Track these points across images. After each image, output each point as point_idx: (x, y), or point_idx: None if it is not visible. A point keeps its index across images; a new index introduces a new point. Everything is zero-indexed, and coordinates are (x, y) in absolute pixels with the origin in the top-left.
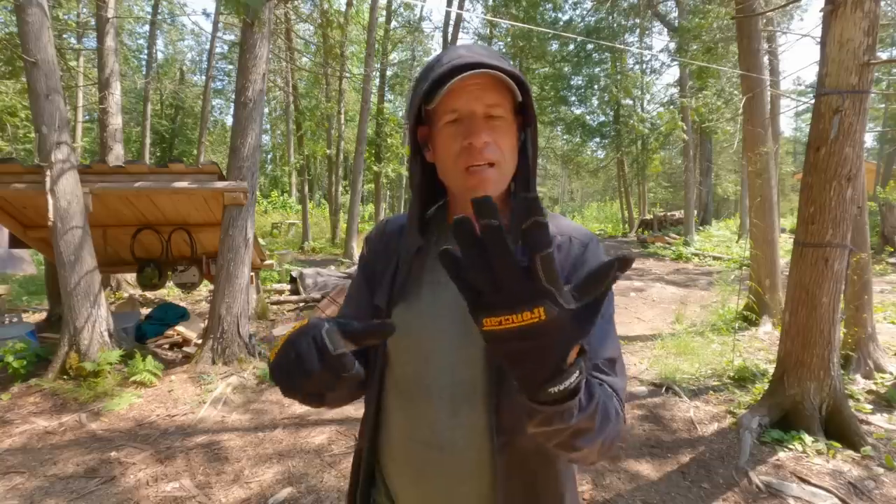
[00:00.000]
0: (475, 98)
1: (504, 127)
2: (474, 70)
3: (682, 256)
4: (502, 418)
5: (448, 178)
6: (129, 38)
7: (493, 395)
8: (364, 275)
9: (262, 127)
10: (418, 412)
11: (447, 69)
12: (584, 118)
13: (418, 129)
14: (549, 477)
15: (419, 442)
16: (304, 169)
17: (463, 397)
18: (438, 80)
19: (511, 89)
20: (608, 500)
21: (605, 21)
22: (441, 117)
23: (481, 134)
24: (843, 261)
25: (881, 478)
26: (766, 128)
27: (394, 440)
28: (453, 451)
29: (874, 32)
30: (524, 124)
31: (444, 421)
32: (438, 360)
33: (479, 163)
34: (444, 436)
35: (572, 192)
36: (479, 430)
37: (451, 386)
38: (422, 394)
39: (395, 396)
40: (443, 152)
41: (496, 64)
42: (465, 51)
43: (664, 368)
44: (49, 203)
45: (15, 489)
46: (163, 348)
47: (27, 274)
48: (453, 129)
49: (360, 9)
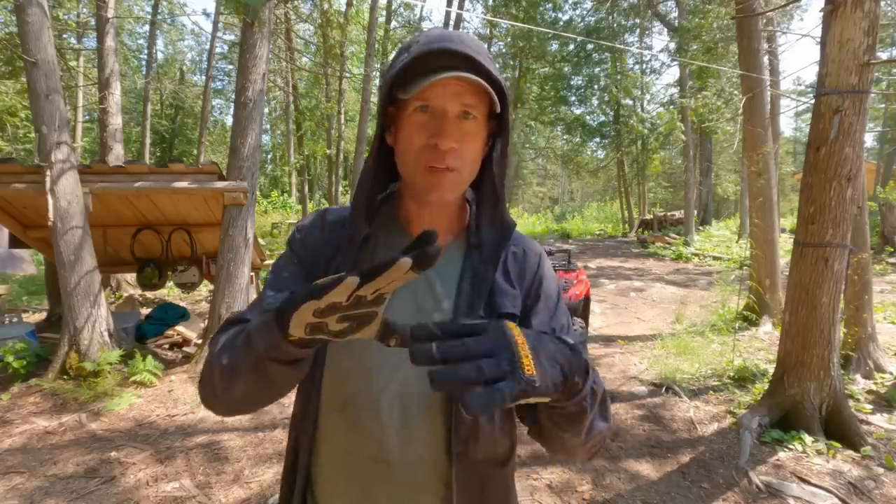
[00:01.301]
0: (453, 95)
1: (475, 131)
2: (459, 73)
3: (682, 256)
4: (459, 429)
5: (406, 169)
6: (129, 38)
7: (451, 406)
8: (300, 260)
9: (262, 127)
10: (363, 427)
11: (431, 51)
12: (584, 118)
13: (387, 108)
14: (499, 483)
15: (364, 458)
16: (304, 169)
17: (415, 409)
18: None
19: (490, 96)
20: (608, 500)
21: (605, 21)
22: (411, 103)
23: (449, 137)
24: (843, 261)
25: (881, 478)
26: (766, 128)
27: (331, 457)
28: (403, 465)
29: (874, 32)
30: (497, 130)
31: (393, 435)
32: (387, 371)
33: (440, 165)
34: (393, 450)
35: (572, 192)
36: (432, 442)
37: (401, 397)
38: (368, 407)
39: (333, 411)
40: (406, 142)
41: (485, 66)
42: (457, 39)
43: (664, 368)
44: (49, 203)
45: (15, 489)
46: (163, 348)
47: (27, 274)
48: (422, 121)
49: (360, 9)
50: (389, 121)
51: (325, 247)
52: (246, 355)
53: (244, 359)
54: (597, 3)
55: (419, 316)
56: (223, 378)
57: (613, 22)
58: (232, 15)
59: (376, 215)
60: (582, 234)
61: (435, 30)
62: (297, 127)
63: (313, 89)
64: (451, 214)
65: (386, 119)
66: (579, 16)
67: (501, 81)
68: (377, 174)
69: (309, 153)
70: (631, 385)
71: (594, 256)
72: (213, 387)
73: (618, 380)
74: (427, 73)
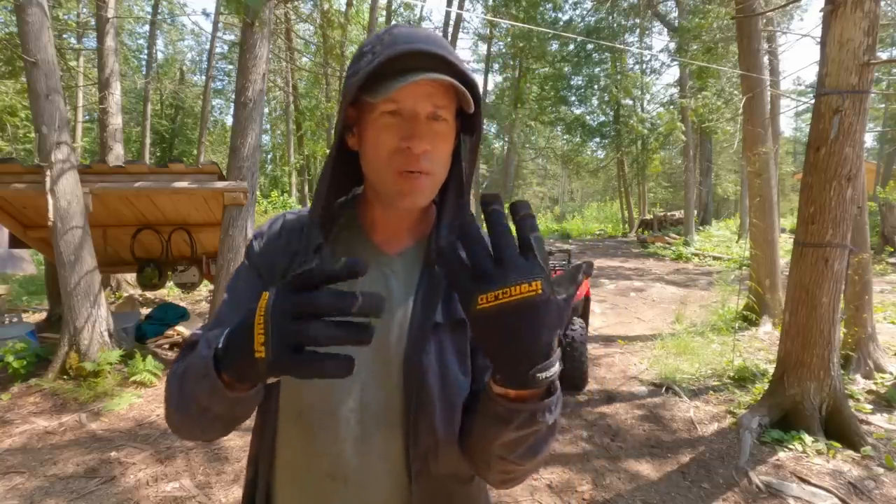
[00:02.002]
0: (424, 97)
1: (445, 132)
2: (434, 75)
3: (682, 256)
4: (418, 443)
5: (375, 175)
6: (129, 38)
7: (409, 418)
8: (256, 270)
9: (262, 127)
10: (319, 440)
11: (400, 53)
12: (584, 118)
13: (348, 109)
14: (463, 501)
15: (320, 474)
16: (304, 169)
17: (374, 422)
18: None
19: (461, 94)
20: (608, 500)
21: (605, 21)
22: (378, 106)
23: (422, 140)
24: (843, 261)
25: (881, 478)
26: (766, 128)
27: (288, 472)
28: (361, 482)
29: (874, 32)
30: (464, 128)
31: (350, 449)
32: (345, 381)
33: (414, 169)
34: (350, 466)
35: (572, 192)
36: (391, 458)
37: (359, 410)
38: (324, 419)
39: (289, 422)
40: (374, 146)
41: (456, 65)
42: (425, 39)
43: (664, 368)
44: (49, 203)
45: (15, 489)
46: (163, 348)
47: (27, 274)
48: (391, 123)
49: (360, 9)
50: (349, 122)
51: (282, 254)
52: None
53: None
54: (597, 3)
55: (383, 339)
56: (184, 426)
57: (613, 22)
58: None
59: (336, 221)
60: (582, 234)
61: (399, 28)
62: (297, 127)
63: (313, 89)
64: (416, 219)
65: (347, 121)
66: (579, 16)
67: (473, 79)
68: (337, 178)
69: (309, 153)
70: (631, 385)
71: (594, 256)
72: (178, 430)
73: (618, 380)
74: (396, 74)
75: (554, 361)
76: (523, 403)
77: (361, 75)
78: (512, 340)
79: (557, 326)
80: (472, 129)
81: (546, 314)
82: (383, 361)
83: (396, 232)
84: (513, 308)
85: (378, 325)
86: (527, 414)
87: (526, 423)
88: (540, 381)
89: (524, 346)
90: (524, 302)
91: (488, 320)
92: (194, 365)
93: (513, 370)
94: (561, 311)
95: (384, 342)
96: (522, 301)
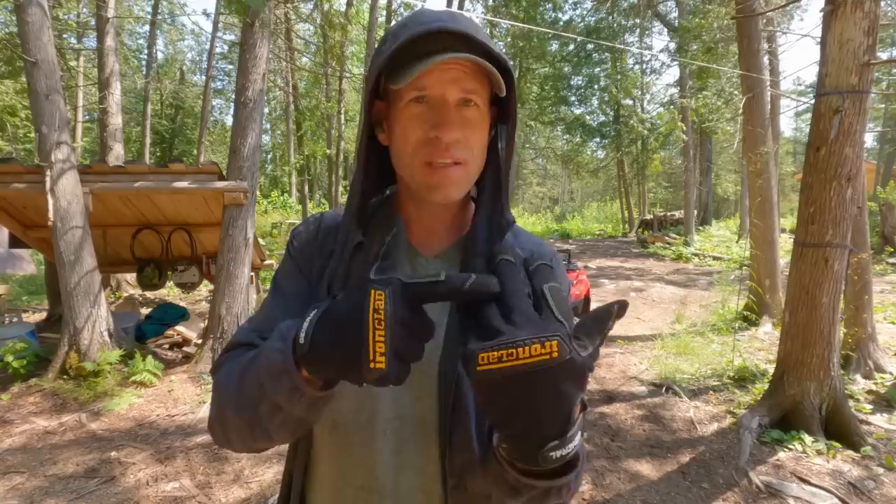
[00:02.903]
0: (451, 81)
1: (478, 119)
2: (459, 54)
3: (682, 256)
4: (454, 458)
5: (404, 168)
6: (129, 38)
7: (445, 432)
8: (297, 267)
9: (262, 127)
10: (354, 451)
11: (422, 33)
12: (584, 118)
13: (374, 102)
14: None
15: (355, 487)
16: (304, 169)
17: (409, 434)
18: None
19: (493, 77)
20: (608, 500)
21: (605, 21)
22: (404, 94)
23: (452, 127)
24: (843, 261)
25: (881, 478)
26: (766, 128)
27: (324, 485)
28: (396, 496)
29: (874, 32)
30: (499, 117)
31: (385, 462)
32: (384, 392)
33: (443, 159)
34: (385, 479)
35: (572, 192)
36: (426, 473)
37: (396, 420)
38: (360, 430)
39: (325, 433)
40: (401, 138)
41: (484, 45)
42: (449, 18)
43: (664, 368)
44: (49, 203)
45: (15, 489)
46: (163, 348)
47: (27, 274)
48: (418, 112)
49: (360, 9)
50: (379, 117)
51: (320, 254)
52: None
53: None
54: (597, 3)
55: None
56: (241, 431)
57: (613, 22)
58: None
59: (372, 220)
60: (582, 234)
61: (423, 10)
62: (297, 127)
63: (313, 89)
64: (452, 215)
65: (372, 116)
66: (579, 16)
67: (505, 60)
68: (371, 176)
69: (309, 153)
70: (631, 385)
71: (594, 256)
72: (227, 435)
73: (618, 380)
74: (420, 57)
75: (573, 437)
76: (538, 479)
77: (382, 59)
78: (519, 412)
79: (578, 393)
80: (506, 116)
81: (564, 381)
82: (419, 371)
83: (432, 231)
84: (520, 374)
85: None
86: (539, 491)
87: (538, 499)
88: (552, 460)
89: (534, 419)
90: (535, 366)
91: (490, 385)
92: (265, 362)
93: (520, 446)
94: (583, 372)
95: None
96: (533, 365)
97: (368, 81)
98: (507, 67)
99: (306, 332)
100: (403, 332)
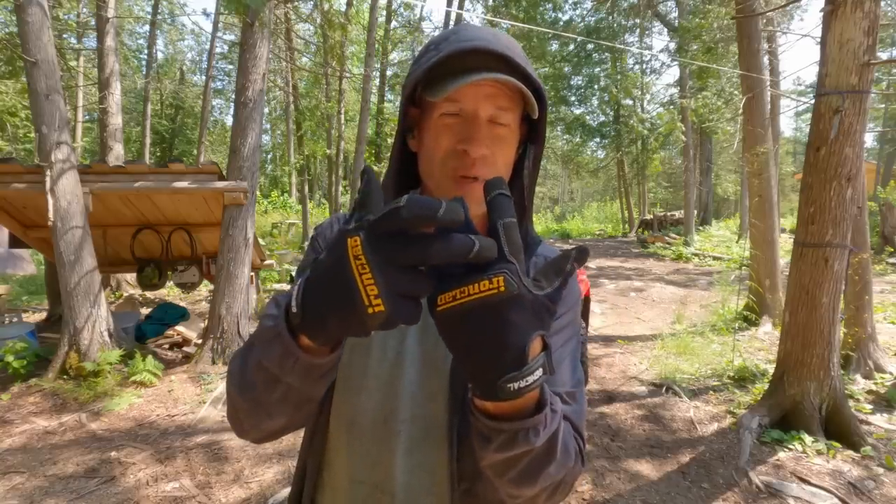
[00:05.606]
0: (485, 97)
1: (508, 138)
2: (496, 75)
3: (682, 256)
4: (464, 462)
5: (430, 177)
6: (129, 38)
7: (454, 434)
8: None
9: (262, 127)
10: (367, 449)
11: (462, 49)
12: (584, 118)
13: (409, 109)
14: None
15: (367, 484)
16: (304, 169)
17: (422, 434)
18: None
19: (527, 98)
20: (608, 500)
21: (605, 21)
22: (439, 106)
23: (481, 143)
24: (843, 261)
25: (881, 478)
26: (766, 128)
27: (336, 482)
28: (408, 496)
29: (874, 32)
30: (529, 137)
31: (399, 462)
32: (398, 387)
33: (469, 174)
34: (398, 479)
35: (572, 192)
36: (437, 474)
37: (409, 420)
38: (375, 430)
39: (340, 431)
40: (431, 148)
41: (521, 67)
42: (490, 37)
43: (664, 368)
44: (49, 203)
45: (15, 489)
46: (163, 348)
47: (27, 274)
48: (449, 125)
49: (360, 9)
50: (411, 123)
51: None
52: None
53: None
54: (597, 3)
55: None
56: (249, 414)
57: (613, 22)
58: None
59: None
60: (582, 234)
61: (467, 26)
62: (297, 127)
63: (313, 89)
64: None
65: (406, 122)
66: (579, 16)
67: (539, 83)
68: (402, 179)
69: (309, 153)
70: (631, 385)
71: (594, 256)
72: (241, 423)
73: (618, 380)
74: (457, 73)
75: (532, 369)
76: (504, 422)
77: (421, 71)
78: (475, 346)
79: (533, 328)
80: (535, 138)
81: (513, 314)
82: (432, 373)
83: None
84: (473, 309)
85: (427, 336)
86: (507, 434)
87: (507, 444)
88: (511, 391)
89: (489, 352)
90: (484, 301)
91: (449, 323)
92: (261, 332)
93: (479, 380)
94: (538, 309)
95: (433, 353)
96: (481, 301)
97: (406, 88)
98: (541, 91)
99: (296, 298)
100: (392, 269)
